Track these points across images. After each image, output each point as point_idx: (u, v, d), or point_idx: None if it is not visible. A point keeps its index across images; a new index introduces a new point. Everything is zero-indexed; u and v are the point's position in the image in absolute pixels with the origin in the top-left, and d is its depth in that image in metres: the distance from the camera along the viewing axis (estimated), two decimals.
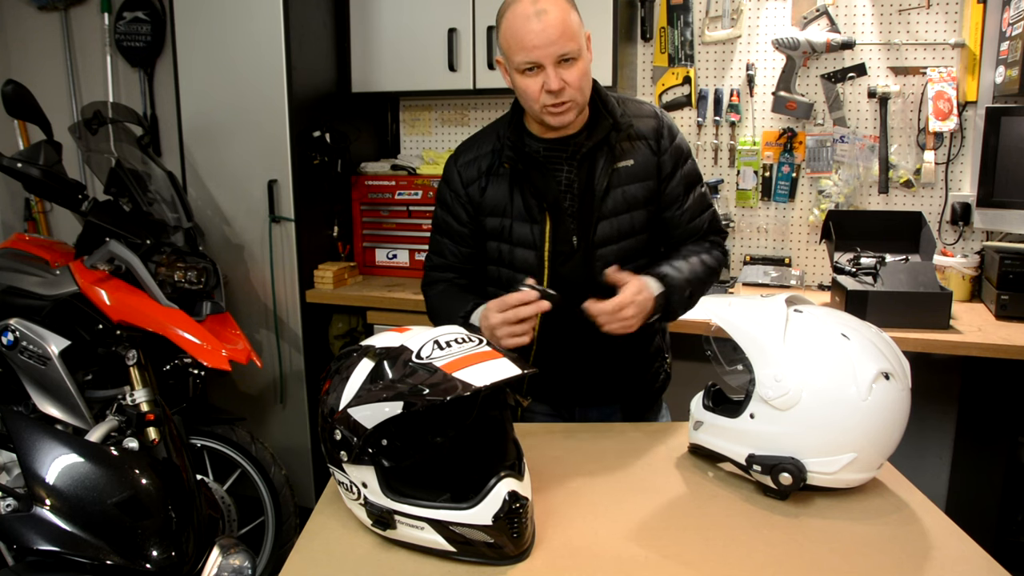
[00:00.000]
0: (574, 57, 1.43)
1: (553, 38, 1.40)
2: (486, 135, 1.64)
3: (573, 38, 1.42)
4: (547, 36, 1.40)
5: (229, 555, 1.30)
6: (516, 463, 1.12)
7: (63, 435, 1.49)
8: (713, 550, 1.10)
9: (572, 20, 1.44)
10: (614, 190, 1.55)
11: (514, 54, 1.45)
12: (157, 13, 3.29)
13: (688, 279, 1.53)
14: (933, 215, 2.73)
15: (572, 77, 1.44)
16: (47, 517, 1.35)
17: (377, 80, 2.98)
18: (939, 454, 2.72)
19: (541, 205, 1.55)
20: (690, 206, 1.63)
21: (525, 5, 1.42)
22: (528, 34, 1.41)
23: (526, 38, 1.41)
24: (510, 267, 1.61)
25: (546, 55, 1.41)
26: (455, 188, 1.63)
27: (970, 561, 1.08)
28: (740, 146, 2.90)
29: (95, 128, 2.39)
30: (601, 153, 1.54)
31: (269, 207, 2.80)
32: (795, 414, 1.18)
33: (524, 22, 1.41)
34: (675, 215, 1.62)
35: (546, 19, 1.40)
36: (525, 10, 1.42)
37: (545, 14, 1.40)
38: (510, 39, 1.45)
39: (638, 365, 1.71)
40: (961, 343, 2.17)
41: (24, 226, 3.57)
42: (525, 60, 1.43)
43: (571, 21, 1.43)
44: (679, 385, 1.83)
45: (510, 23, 1.44)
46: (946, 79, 2.63)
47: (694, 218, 1.64)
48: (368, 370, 1.09)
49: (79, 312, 2.19)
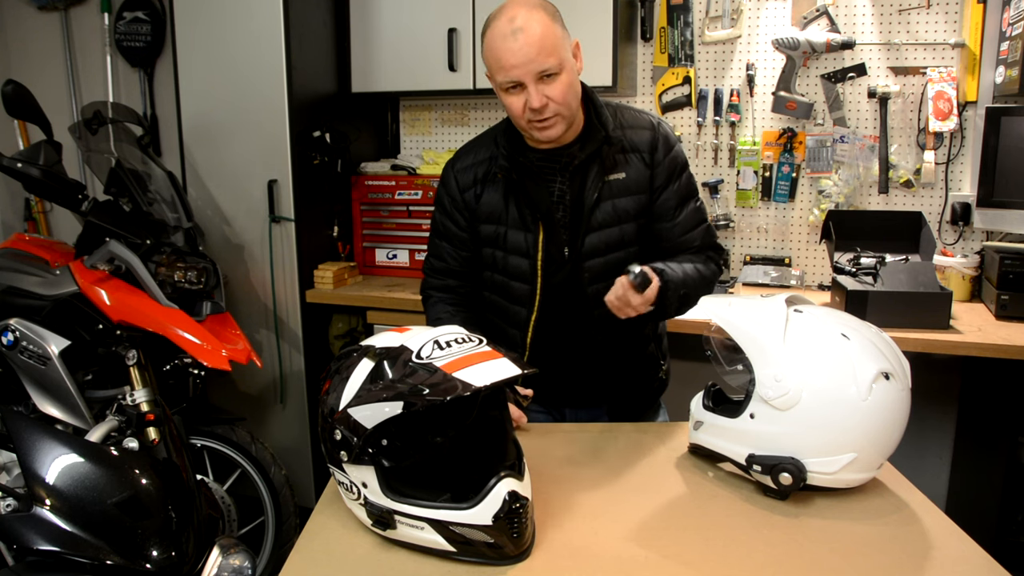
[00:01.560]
0: (555, 72, 1.41)
1: (531, 56, 1.39)
2: (484, 141, 1.64)
3: (553, 53, 1.40)
4: (525, 54, 1.39)
5: (229, 555, 1.30)
6: (516, 463, 1.13)
7: (63, 435, 1.49)
8: (713, 550, 1.10)
9: (551, 34, 1.41)
10: (604, 202, 1.55)
11: (495, 73, 1.45)
12: (157, 13, 3.29)
13: (683, 279, 1.52)
14: (933, 215, 2.73)
15: (555, 92, 1.42)
16: (47, 517, 1.35)
17: (377, 80, 2.98)
18: (939, 454, 2.72)
19: (535, 215, 1.55)
20: (682, 220, 1.61)
21: (502, 23, 1.41)
22: (506, 53, 1.40)
23: (504, 57, 1.40)
24: (504, 274, 1.62)
25: (525, 73, 1.40)
26: (452, 193, 1.63)
27: (970, 561, 1.08)
28: (740, 146, 2.90)
29: (95, 128, 2.39)
30: (593, 165, 1.53)
31: (269, 207, 2.80)
32: (795, 414, 1.18)
33: (502, 41, 1.40)
34: (666, 228, 1.61)
35: (523, 37, 1.38)
36: (502, 28, 1.40)
37: (522, 32, 1.38)
38: (490, 58, 1.45)
39: (629, 370, 1.70)
40: (961, 343, 2.17)
41: (24, 226, 3.57)
42: (505, 79, 1.43)
43: (550, 35, 1.41)
44: (678, 385, 1.83)
45: (489, 42, 1.44)
46: (946, 79, 2.63)
47: (686, 232, 1.62)
48: (368, 370, 1.09)
49: (79, 312, 2.19)
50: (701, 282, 1.58)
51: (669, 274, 1.49)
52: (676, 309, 1.53)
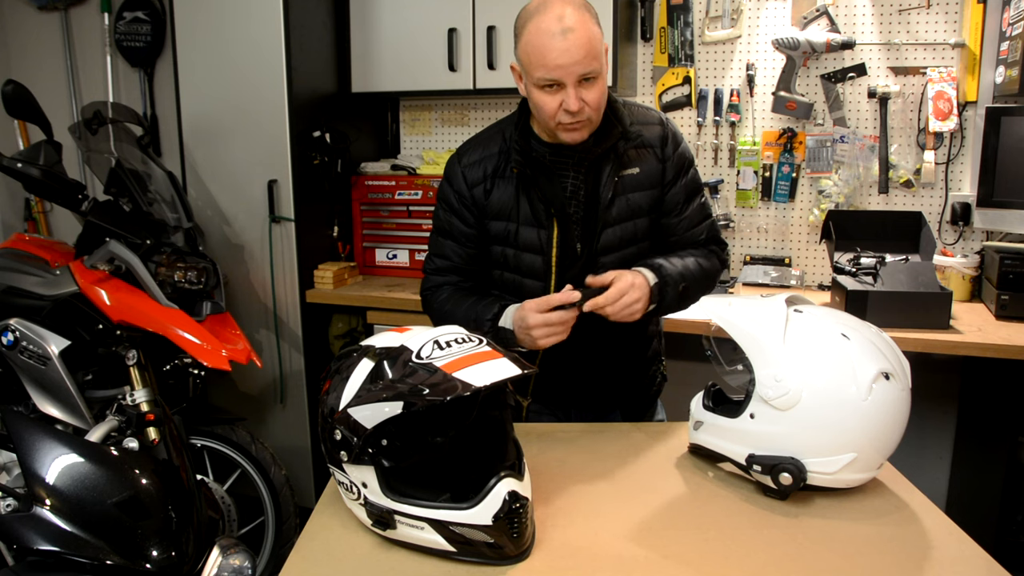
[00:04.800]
0: (595, 76, 1.40)
1: (578, 58, 1.36)
2: (491, 136, 1.61)
3: (597, 57, 1.38)
4: (572, 56, 1.36)
5: (229, 555, 1.30)
6: (516, 463, 1.12)
7: (63, 435, 1.49)
8: (713, 550, 1.10)
9: (597, 37, 1.39)
10: (619, 198, 1.54)
11: (534, 69, 1.40)
12: (157, 13, 3.29)
13: (683, 274, 1.52)
14: (933, 215, 2.73)
15: (592, 97, 1.41)
16: (47, 517, 1.35)
17: (377, 80, 2.97)
18: (939, 454, 2.72)
19: (549, 210, 1.53)
20: (689, 214, 1.62)
21: (550, 20, 1.36)
22: (551, 52, 1.36)
23: (549, 56, 1.37)
24: (516, 271, 1.60)
25: (568, 74, 1.37)
26: (459, 189, 1.59)
27: (970, 561, 1.08)
28: (740, 146, 2.90)
29: (95, 128, 2.39)
30: (608, 161, 1.52)
31: (269, 207, 2.80)
32: (795, 414, 1.18)
33: (548, 39, 1.36)
34: (673, 222, 1.61)
35: (572, 38, 1.35)
36: (550, 26, 1.36)
37: (572, 32, 1.35)
38: (531, 53, 1.39)
39: (636, 369, 1.71)
40: (961, 343, 2.17)
41: (24, 226, 3.57)
42: (546, 77, 1.39)
43: (596, 38, 1.39)
44: (676, 385, 1.83)
45: (533, 36, 1.38)
46: (946, 79, 2.63)
47: (692, 227, 1.63)
48: (368, 370, 1.09)
49: (79, 312, 2.19)
50: (702, 276, 1.58)
51: (668, 269, 1.49)
52: (677, 304, 1.53)
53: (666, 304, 1.50)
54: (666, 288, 1.48)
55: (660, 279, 1.48)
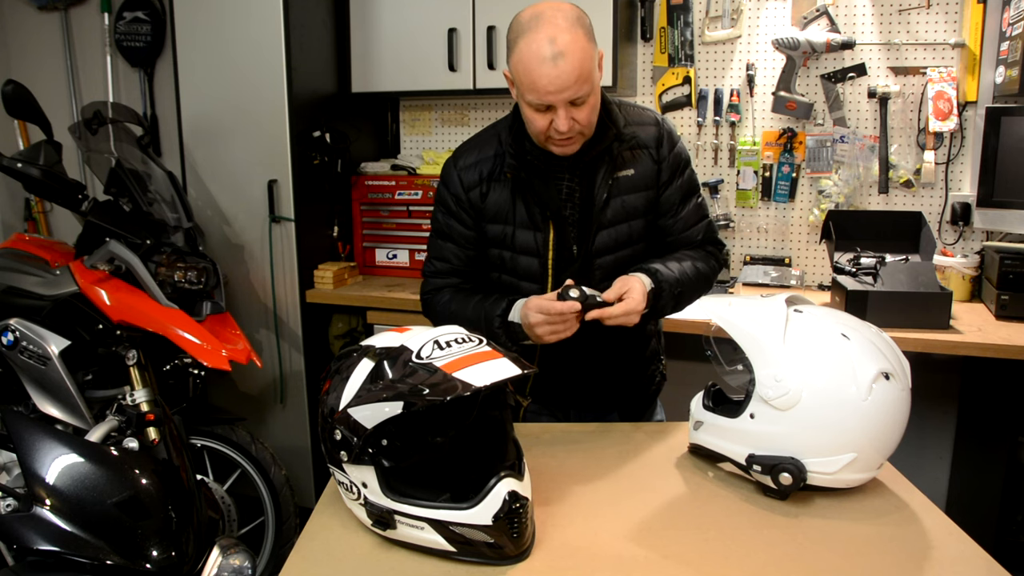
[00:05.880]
0: (587, 96, 1.38)
1: (568, 84, 1.34)
2: (486, 138, 1.61)
3: (588, 79, 1.36)
4: (562, 82, 1.34)
5: (229, 555, 1.30)
6: (516, 463, 1.12)
7: (63, 435, 1.49)
8: (713, 550, 1.10)
9: (589, 58, 1.36)
10: (614, 200, 1.54)
11: (525, 91, 1.39)
12: (157, 13, 3.29)
13: (679, 278, 1.52)
14: (933, 215, 2.73)
15: (582, 116, 1.40)
16: (47, 517, 1.35)
17: (377, 80, 2.97)
18: (939, 454, 2.72)
19: (544, 213, 1.53)
20: (685, 215, 1.61)
21: (542, 44, 1.33)
22: (542, 78, 1.34)
23: (539, 82, 1.35)
24: (512, 274, 1.60)
25: (559, 100, 1.36)
26: (456, 191, 1.59)
27: (970, 561, 1.08)
28: (740, 146, 2.90)
29: (95, 128, 2.39)
30: (602, 163, 1.52)
31: (269, 207, 2.80)
32: (795, 414, 1.18)
33: (539, 64, 1.33)
34: (669, 223, 1.61)
35: (563, 65, 1.32)
36: (541, 50, 1.33)
37: (562, 59, 1.32)
38: (522, 74, 1.37)
39: (635, 369, 1.71)
40: (961, 343, 2.17)
41: (24, 226, 3.57)
42: (536, 100, 1.38)
43: (588, 60, 1.36)
44: (676, 385, 1.83)
45: (523, 57, 1.36)
46: (946, 79, 2.63)
47: (688, 227, 1.62)
48: (368, 370, 1.09)
49: (79, 312, 2.19)
50: (698, 279, 1.58)
51: (664, 274, 1.49)
52: (672, 307, 1.54)
53: (659, 309, 1.51)
54: (661, 294, 1.48)
55: (656, 285, 1.48)
